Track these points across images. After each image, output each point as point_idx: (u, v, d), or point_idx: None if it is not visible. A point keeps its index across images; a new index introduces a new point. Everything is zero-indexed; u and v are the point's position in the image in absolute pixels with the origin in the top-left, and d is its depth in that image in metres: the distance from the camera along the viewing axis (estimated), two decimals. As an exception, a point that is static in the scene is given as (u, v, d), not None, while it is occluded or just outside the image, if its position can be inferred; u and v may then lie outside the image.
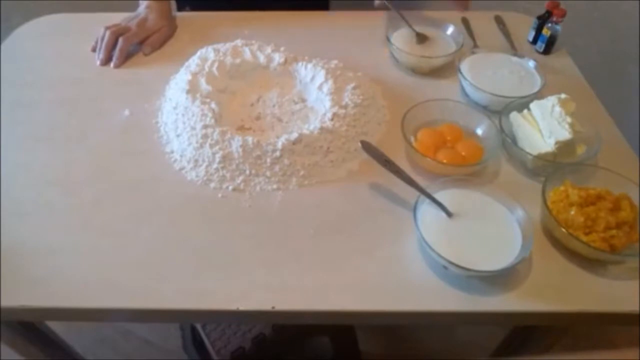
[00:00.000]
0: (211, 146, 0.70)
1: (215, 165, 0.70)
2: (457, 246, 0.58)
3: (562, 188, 0.64)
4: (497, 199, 0.64)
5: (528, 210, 0.61)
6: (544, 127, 0.71)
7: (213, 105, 0.75)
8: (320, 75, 0.80)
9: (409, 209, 0.64)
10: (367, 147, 0.68)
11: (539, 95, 0.78)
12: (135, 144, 0.76)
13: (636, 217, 0.61)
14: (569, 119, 0.70)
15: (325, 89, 0.78)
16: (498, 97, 0.78)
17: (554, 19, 0.89)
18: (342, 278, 0.60)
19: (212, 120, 0.72)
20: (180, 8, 1.13)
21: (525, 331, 0.89)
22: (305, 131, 0.71)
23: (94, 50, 0.92)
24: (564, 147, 0.68)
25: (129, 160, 0.73)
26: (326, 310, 0.58)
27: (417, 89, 0.85)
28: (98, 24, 0.93)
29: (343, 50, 0.92)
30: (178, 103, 0.77)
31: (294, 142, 0.69)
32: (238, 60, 0.83)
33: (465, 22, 0.98)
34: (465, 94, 0.84)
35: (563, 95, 0.73)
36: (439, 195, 0.63)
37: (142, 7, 0.96)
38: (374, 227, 0.65)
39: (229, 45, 0.85)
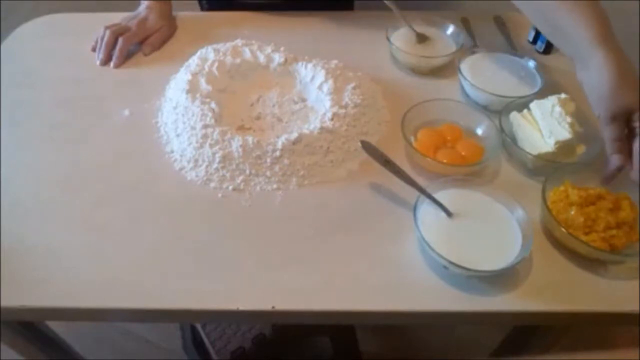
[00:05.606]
0: (211, 146, 0.70)
1: (215, 165, 0.70)
2: (457, 246, 0.58)
3: (562, 188, 0.64)
4: (497, 199, 0.64)
5: (528, 210, 0.61)
6: (544, 127, 0.71)
7: (213, 105, 0.75)
8: (320, 75, 0.80)
9: (409, 209, 0.64)
10: (367, 147, 0.68)
11: (539, 95, 0.78)
12: (135, 144, 0.76)
13: (636, 217, 0.61)
14: (569, 119, 0.70)
15: (325, 88, 0.78)
16: (498, 97, 0.78)
17: (554, 19, 0.89)
18: (342, 278, 0.60)
19: (212, 120, 0.72)
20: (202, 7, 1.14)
21: (525, 331, 0.89)
22: (305, 131, 0.71)
23: (94, 50, 0.92)
24: (564, 147, 0.68)
25: (129, 160, 0.73)
26: (326, 310, 0.58)
27: (417, 89, 0.85)
28: (98, 24, 0.93)
29: (343, 50, 0.92)
30: (178, 103, 0.77)
31: (294, 142, 0.69)
32: (238, 60, 0.83)
33: (465, 22, 0.98)
34: (465, 94, 0.84)
35: (563, 95, 0.73)
36: (439, 195, 0.63)
37: (142, 7, 0.96)
38: (374, 227, 0.65)
39: (229, 45, 0.85)
